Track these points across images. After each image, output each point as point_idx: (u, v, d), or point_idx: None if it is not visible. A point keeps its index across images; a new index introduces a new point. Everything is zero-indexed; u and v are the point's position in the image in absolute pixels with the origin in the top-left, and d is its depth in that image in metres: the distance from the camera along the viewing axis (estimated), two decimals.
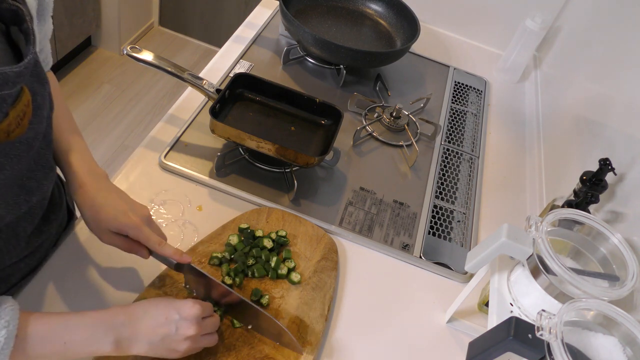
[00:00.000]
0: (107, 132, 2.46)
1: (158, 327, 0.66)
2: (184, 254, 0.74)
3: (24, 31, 0.58)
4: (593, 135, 1.10)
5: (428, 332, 0.89)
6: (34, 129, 0.61)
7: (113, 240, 0.74)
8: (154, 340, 0.65)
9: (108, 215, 0.72)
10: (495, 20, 1.62)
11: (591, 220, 0.71)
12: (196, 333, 0.67)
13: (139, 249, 0.74)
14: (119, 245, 0.74)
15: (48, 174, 0.70)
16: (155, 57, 0.97)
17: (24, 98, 0.57)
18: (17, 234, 0.69)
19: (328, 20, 1.43)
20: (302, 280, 0.87)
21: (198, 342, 0.69)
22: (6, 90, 0.53)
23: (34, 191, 0.67)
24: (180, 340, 0.67)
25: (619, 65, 1.13)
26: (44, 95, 0.63)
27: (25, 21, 0.58)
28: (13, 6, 0.57)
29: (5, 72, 0.52)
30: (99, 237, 0.74)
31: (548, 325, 0.56)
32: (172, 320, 0.66)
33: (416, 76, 1.46)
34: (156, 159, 1.02)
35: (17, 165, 0.60)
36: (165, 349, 0.67)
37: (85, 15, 2.55)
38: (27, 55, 0.56)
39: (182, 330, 0.66)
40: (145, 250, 0.75)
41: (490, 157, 1.29)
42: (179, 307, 0.68)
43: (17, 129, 0.57)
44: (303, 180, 1.05)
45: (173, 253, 0.74)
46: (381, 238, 1.00)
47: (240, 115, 1.08)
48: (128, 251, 0.75)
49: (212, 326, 0.72)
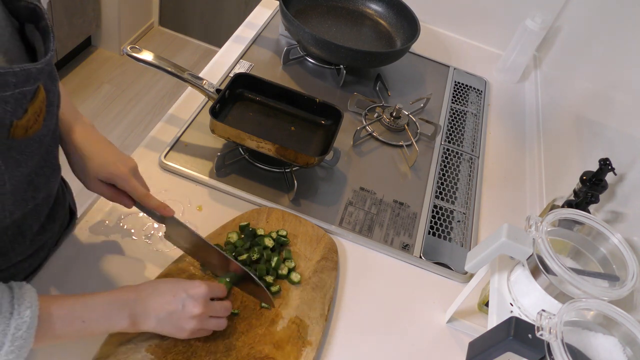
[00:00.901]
0: (107, 132, 2.46)
1: (165, 303, 0.68)
2: (167, 207, 0.77)
3: (42, 29, 0.59)
4: (593, 135, 1.10)
5: (428, 332, 0.89)
6: (47, 125, 0.62)
7: (99, 188, 0.76)
8: (161, 316, 0.67)
9: (96, 164, 0.75)
10: (495, 20, 1.62)
11: (591, 220, 0.71)
12: (202, 312, 0.69)
13: (123, 198, 0.77)
14: (104, 194, 0.77)
15: (55, 170, 0.71)
16: (155, 57, 0.97)
17: (40, 95, 0.58)
18: (22, 231, 0.70)
19: (328, 20, 1.43)
20: (302, 280, 0.87)
21: (205, 323, 0.70)
22: (27, 87, 0.54)
23: (41, 188, 0.68)
24: (187, 318, 0.68)
25: (619, 65, 1.13)
26: (54, 92, 0.64)
27: (43, 19, 0.58)
28: (31, 4, 0.58)
29: (29, 68, 0.52)
30: (86, 185, 0.77)
31: (548, 325, 0.56)
32: (179, 298, 0.68)
33: (416, 76, 1.46)
34: (156, 159, 1.02)
35: (30, 162, 0.61)
36: (173, 326, 0.68)
37: (85, 15, 2.55)
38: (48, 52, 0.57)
39: (188, 308, 0.68)
40: (129, 200, 0.78)
41: (490, 157, 1.29)
42: (187, 286, 0.70)
43: (34, 125, 0.58)
44: (303, 180, 1.05)
45: (157, 205, 0.77)
46: (381, 238, 1.00)
47: (240, 115, 1.08)
48: (112, 200, 0.78)
49: (222, 310, 0.73)
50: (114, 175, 0.75)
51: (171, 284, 0.70)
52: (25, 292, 0.60)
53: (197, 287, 0.70)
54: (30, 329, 0.58)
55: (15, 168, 0.58)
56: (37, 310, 0.59)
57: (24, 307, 0.58)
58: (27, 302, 0.59)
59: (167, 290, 0.69)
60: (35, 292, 0.61)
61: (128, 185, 0.76)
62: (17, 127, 0.55)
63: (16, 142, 0.56)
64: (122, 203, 0.78)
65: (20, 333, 0.57)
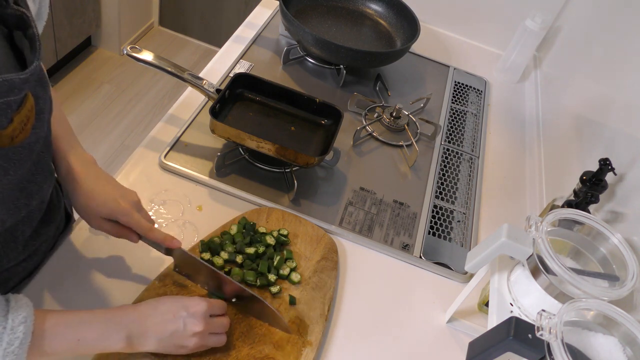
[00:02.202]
0: (107, 132, 2.46)
1: (166, 323, 0.67)
2: (174, 239, 0.76)
3: (29, 37, 0.58)
4: (593, 135, 1.10)
5: (428, 332, 0.89)
6: (36, 133, 0.61)
7: (103, 225, 0.75)
8: (163, 336, 0.67)
9: (98, 202, 0.73)
10: (495, 20, 1.62)
11: (591, 220, 0.71)
12: (203, 329, 0.69)
13: (128, 234, 0.76)
14: (109, 231, 0.76)
15: (48, 177, 0.70)
16: (155, 57, 0.97)
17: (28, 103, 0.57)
18: (15, 237, 0.69)
19: (328, 20, 1.43)
20: (302, 280, 0.87)
21: (206, 340, 0.70)
22: (12, 97, 0.53)
23: (34, 195, 0.67)
24: (188, 336, 0.68)
25: (619, 65, 1.13)
26: (45, 99, 0.63)
27: (30, 27, 0.57)
28: (18, 11, 0.56)
29: (12, 79, 0.52)
30: (89, 223, 0.76)
31: (548, 325, 0.56)
32: (180, 317, 0.68)
33: (416, 76, 1.46)
34: (156, 159, 1.02)
35: (20, 170, 0.60)
36: (174, 345, 0.68)
37: (85, 15, 2.55)
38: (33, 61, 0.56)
39: (189, 327, 0.68)
40: (135, 235, 0.76)
41: (490, 157, 1.29)
42: (187, 304, 0.69)
43: (20, 134, 0.57)
44: (303, 180, 1.05)
45: (163, 238, 0.75)
46: (381, 238, 1.00)
47: (240, 115, 1.08)
48: (118, 236, 0.76)
49: (221, 326, 0.72)
50: (116, 211, 0.73)
51: (170, 303, 0.69)
52: (21, 306, 0.59)
53: (197, 304, 0.69)
54: (23, 345, 0.57)
55: (3, 176, 0.57)
56: (31, 326, 0.58)
57: (17, 322, 0.57)
58: (21, 317, 0.58)
59: (167, 310, 0.68)
60: (31, 306, 0.60)
61: (132, 221, 0.74)
62: (2, 136, 0.53)
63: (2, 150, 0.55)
64: (128, 239, 0.77)
65: (12, 348, 0.56)
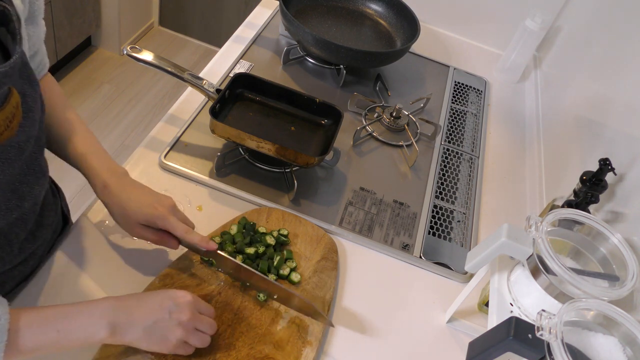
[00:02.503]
0: (107, 132, 2.46)
1: (152, 311, 0.67)
2: (210, 241, 0.77)
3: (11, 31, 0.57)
4: (593, 135, 1.10)
5: (428, 332, 0.89)
6: (25, 132, 0.60)
7: (143, 233, 0.77)
8: (147, 324, 0.65)
9: (134, 210, 0.75)
10: (495, 20, 1.62)
11: (591, 220, 0.71)
12: (189, 319, 0.68)
13: (168, 239, 0.78)
14: (149, 238, 0.77)
15: (40, 178, 0.70)
16: (155, 57, 0.97)
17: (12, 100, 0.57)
18: (9, 240, 0.69)
19: (328, 20, 1.43)
20: (302, 280, 0.87)
21: (190, 335, 0.69)
22: None
23: (26, 196, 0.66)
24: (173, 326, 0.67)
25: (619, 65, 1.13)
26: (34, 98, 0.62)
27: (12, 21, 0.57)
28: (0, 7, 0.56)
29: None
30: (129, 232, 0.77)
31: (548, 325, 0.56)
32: (165, 307, 0.67)
33: (416, 76, 1.46)
34: (156, 159, 1.02)
35: (9, 170, 0.60)
36: (159, 336, 0.66)
37: (85, 15, 2.55)
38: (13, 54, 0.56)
39: (175, 315, 0.67)
40: (174, 241, 0.78)
41: (490, 157, 1.29)
42: (173, 295, 0.69)
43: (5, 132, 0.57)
44: (303, 180, 1.05)
45: (200, 240, 0.77)
46: (381, 238, 1.00)
47: (240, 115, 1.08)
48: (158, 243, 0.78)
49: (208, 325, 0.71)
50: (153, 216, 0.75)
51: (156, 294, 0.69)
52: None
53: (184, 295, 0.69)
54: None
55: None
56: (6, 324, 0.57)
57: None
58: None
59: (153, 300, 0.68)
60: (5, 304, 0.59)
61: (168, 224, 0.75)
62: None
63: None
64: (167, 245, 0.78)
65: None
